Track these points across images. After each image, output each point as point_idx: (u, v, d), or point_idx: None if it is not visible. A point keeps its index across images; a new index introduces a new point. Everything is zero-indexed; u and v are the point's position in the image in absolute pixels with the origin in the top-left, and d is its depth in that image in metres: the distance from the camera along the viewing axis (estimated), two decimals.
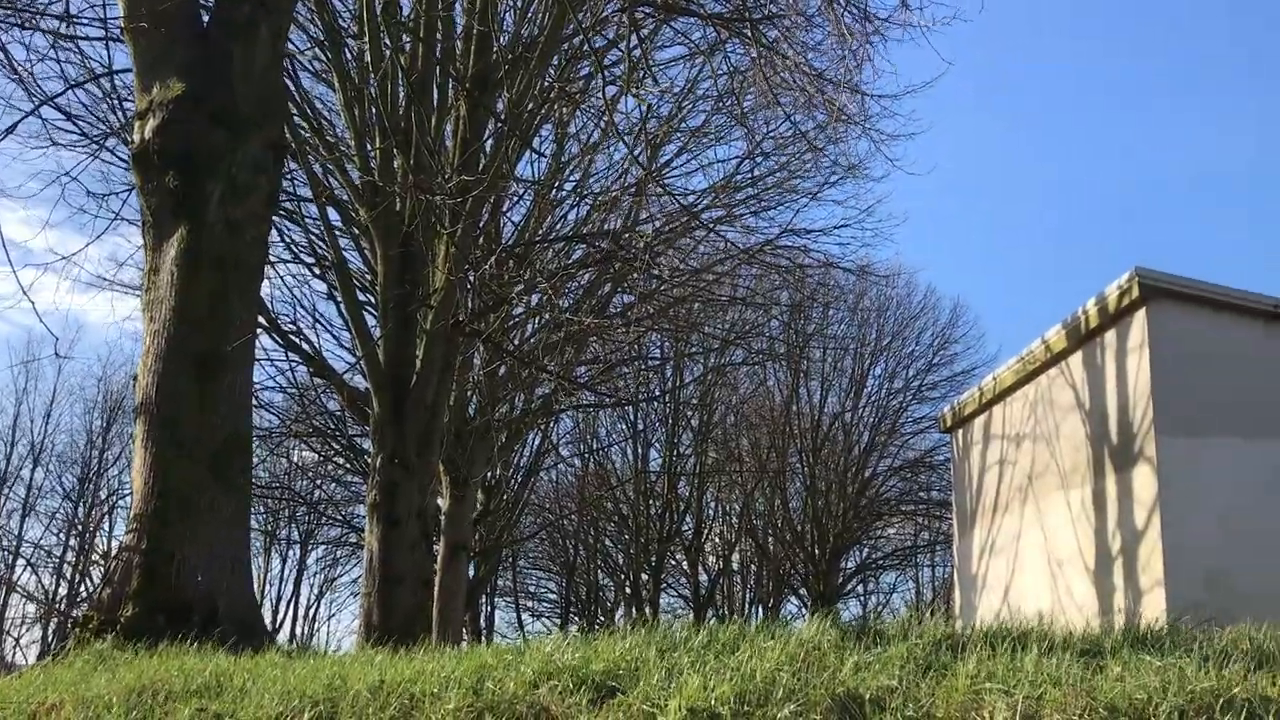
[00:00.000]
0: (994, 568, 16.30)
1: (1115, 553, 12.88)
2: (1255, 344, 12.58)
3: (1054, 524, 14.45)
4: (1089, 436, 13.69)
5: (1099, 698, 4.12)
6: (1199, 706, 4.07)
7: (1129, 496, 12.60)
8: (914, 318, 28.10)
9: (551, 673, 4.89)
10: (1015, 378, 15.67)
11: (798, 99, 14.17)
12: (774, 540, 27.84)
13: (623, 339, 19.57)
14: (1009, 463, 16.04)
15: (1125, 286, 12.71)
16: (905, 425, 28.72)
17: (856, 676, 4.51)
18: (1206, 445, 12.12)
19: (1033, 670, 4.51)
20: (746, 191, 18.58)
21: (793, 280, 20.07)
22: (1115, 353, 13.21)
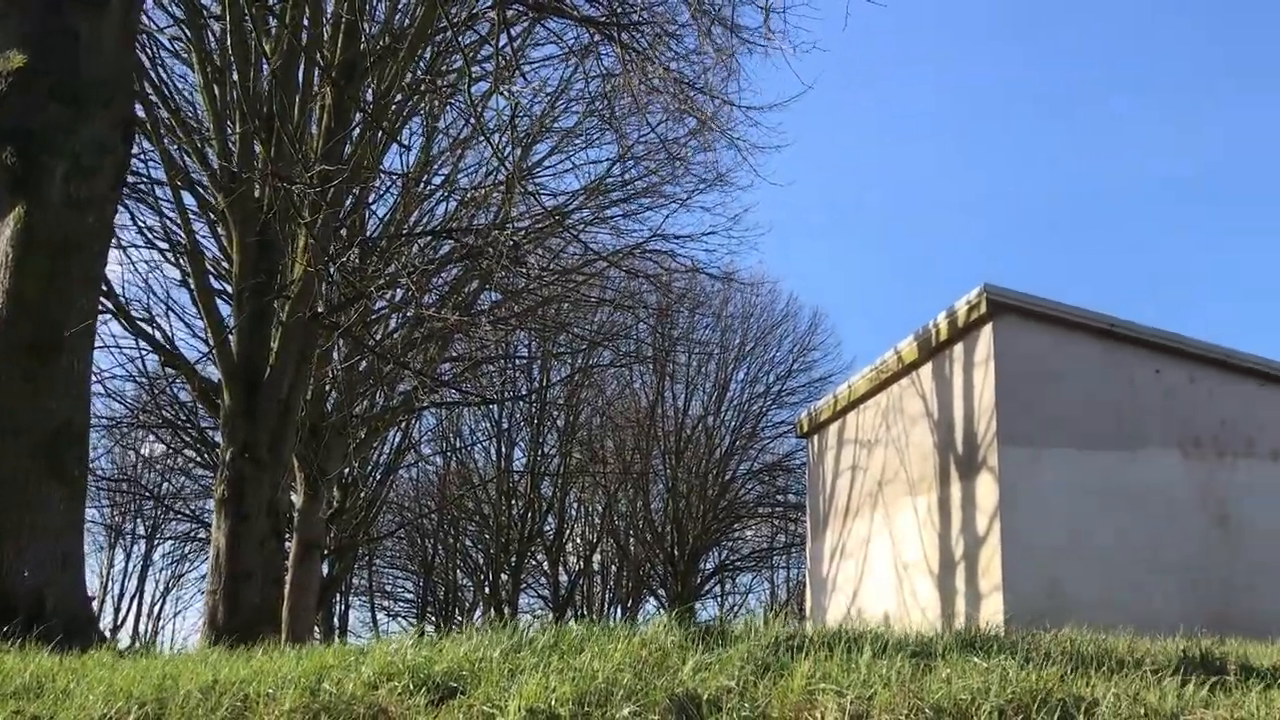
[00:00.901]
0: (844, 570, 16.75)
1: (958, 557, 13.37)
2: (1093, 360, 13.21)
3: (901, 529, 14.92)
4: (936, 445, 14.18)
5: (925, 698, 4.28)
6: (1017, 706, 4.27)
7: (972, 504, 13.08)
8: (776, 325, 28.78)
9: (392, 673, 4.82)
10: (869, 386, 16.14)
11: (668, 106, 14.36)
12: (635, 541, 28.04)
13: (489, 337, 19.42)
14: (861, 468, 16.51)
15: (974, 302, 13.20)
16: (765, 430, 29.39)
17: (696, 677, 4.58)
18: (1046, 456, 12.68)
19: (866, 671, 4.66)
20: (617, 195, 18.70)
21: (660, 284, 20.23)
22: (963, 365, 13.71)
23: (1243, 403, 13.51)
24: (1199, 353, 13.50)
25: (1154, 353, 13.39)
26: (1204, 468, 13.14)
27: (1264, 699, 4.69)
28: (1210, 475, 13.15)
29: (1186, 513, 12.89)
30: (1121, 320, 13.31)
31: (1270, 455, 13.41)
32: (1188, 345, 13.47)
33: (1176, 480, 13.00)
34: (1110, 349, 13.28)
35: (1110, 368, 13.20)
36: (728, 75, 13.79)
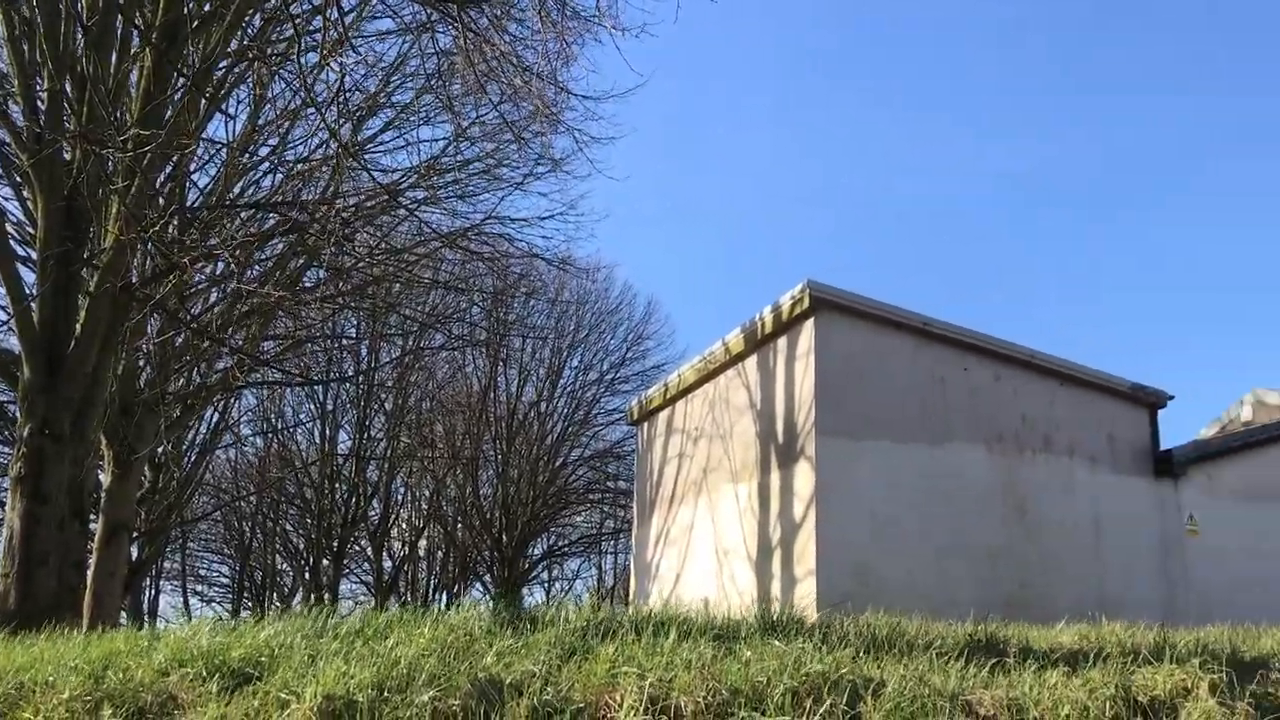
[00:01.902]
0: (668, 556, 17.01)
1: (775, 543, 13.73)
2: (908, 356, 13.76)
3: (723, 516, 15.24)
4: (759, 435, 14.53)
5: (723, 681, 4.39)
6: (809, 687, 4.43)
7: (790, 492, 13.46)
8: (611, 312, 28.97)
9: (185, 660, 4.65)
10: (697, 376, 16.41)
11: (505, 89, 14.22)
12: (463, 526, 27.77)
13: (314, 315, 18.85)
14: (687, 456, 16.78)
15: (797, 297, 13.57)
16: (598, 416, 29.56)
17: (501, 662, 4.58)
18: (861, 447, 13.15)
19: (669, 655, 4.75)
20: (453, 175, 18.39)
21: (496, 268, 20.02)
22: (785, 358, 14.08)
23: (1043, 401, 14.33)
24: (1005, 353, 14.22)
25: (963, 351, 14.04)
26: (1005, 462, 13.88)
27: (1038, 679, 5.01)
28: (1011, 469, 13.90)
29: (988, 504, 13.59)
30: (935, 319, 13.89)
31: (1067, 451, 14.27)
32: (995, 345, 14.17)
33: (980, 473, 13.69)
34: (923, 347, 13.85)
35: (922, 364, 13.78)
36: (565, 62, 13.77)
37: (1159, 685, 5.06)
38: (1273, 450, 15.27)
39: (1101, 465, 14.43)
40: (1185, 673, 5.13)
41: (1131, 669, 5.24)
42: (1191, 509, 14.63)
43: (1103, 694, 4.80)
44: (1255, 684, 5.21)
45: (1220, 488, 14.83)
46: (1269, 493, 14.94)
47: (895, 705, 4.32)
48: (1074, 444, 14.33)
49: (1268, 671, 5.36)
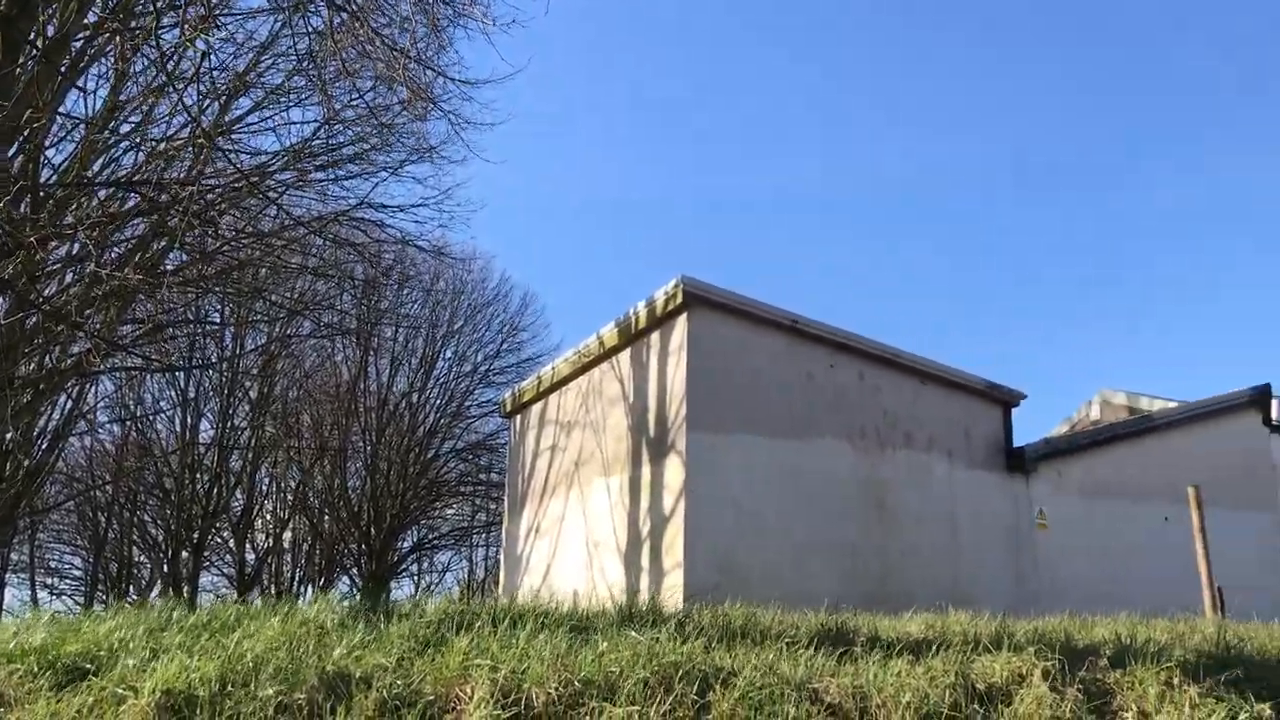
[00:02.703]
0: (538, 548, 16.99)
1: (645, 536, 13.84)
2: (777, 353, 14.02)
3: (594, 509, 15.30)
4: (631, 428, 14.62)
5: (576, 671, 4.41)
6: (661, 677, 4.48)
7: (660, 485, 13.58)
8: (487, 303, 28.70)
9: (15, 655, 4.45)
10: (571, 369, 16.42)
11: (381, 73, 13.94)
12: (330, 518, 27.20)
13: (175, 300, 18.17)
14: (560, 449, 16.78)
15: (671, 293, 13.69)
16: (471, 408, 29.26)
17: (351, 655, 4.51)
18: (729, 441, 13.34)
19: (524, 646, 4.75)
20: (324, 159, 17.94)
21: (368, 255, 19.61)
22: (659, 352, 14.19)
23: (905, 399, 14.78)
24: (870, 351, 14.61)
25: (830, 349, 14.38)
26: (867, 457, 14.26)
27: (884, 668, 5.17)
28: (873, 464, 14.29)
29: (850, 498, 13.96)
30: (804, 317, 14.18)
31: (926, 447, 14.73)
32: (860, 343, 14.54)
33: (843, 468, 14.04)
34: (792, 344, 14.13)
35: (791, 361, 14.05)
36: (441, 48, 13.59)
37: (996, 673, 5.28)
38: (1117, 448, 16.06)
39: (958, 461, 14.94)
40: (1021, 660, 5.37)
41: (972, 658, 5.45)
42: (1041, 504, 15.28)
43: (943, 681, 4.98)
44: (1085, 670, 5.48)
45: (1068, 483, 15.53)
46: (1113, 489, 15.71)
47: (743, 694, 4.40)
48: (933, 440, 14.80)
49: (1097, 659, 5.65)
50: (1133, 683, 5.41)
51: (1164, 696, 5.25)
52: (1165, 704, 5.18)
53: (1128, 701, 5.26)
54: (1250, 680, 5.69)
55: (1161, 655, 5.83)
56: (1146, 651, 5.89)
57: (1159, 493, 15.54)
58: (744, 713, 4.31)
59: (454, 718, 4.10)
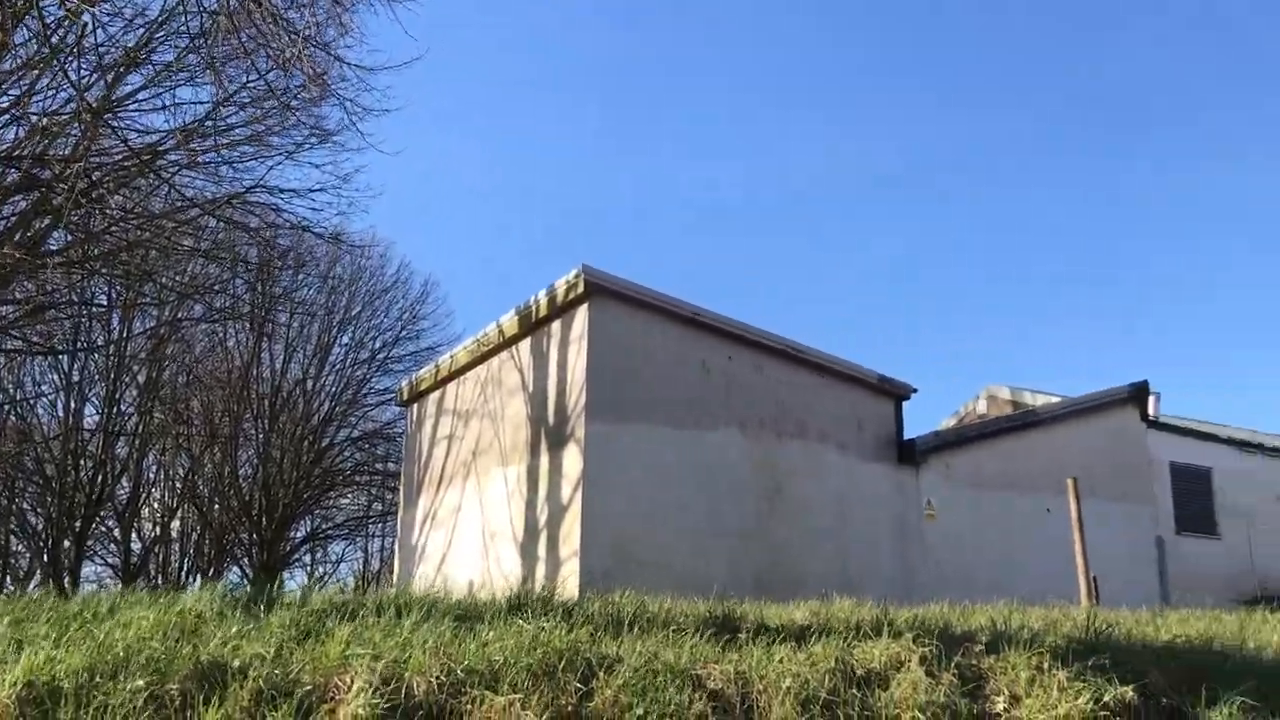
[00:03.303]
0: (434, 538, 16.85)
1: (542, 525, 13.83)
2: (676, 343, 14.11)
3: (491, 498, 15.22)
4: (530, 417, 14.58)
5: (459, 660, 4.40)
6: (545, 665, 4.49)
7: (558, 474, 13.57)
8: (386, 290, 28.20)
9: None
10: (470, 357, 16.30)
11: (276, 54, 13.61)
12: (220, 507, 26.51)
13: (60, 280, 17.51)
14: (457, 438, 16.65)
15: (572, 282, 13.67)
16: (368, 396, 28.76)
17: (228, 646, 4.42)
18: (628, 431, 13.40)
19: (407, 635, 4.71)
20: (217, 139, 17.44)
21: (262, 239, 19.15)
22: (559, 342, 14.18)
23: (800, 390, 15.00)
24: (766, 343, 14.80)
25: (729, 341, 14.52)
26: (762, 447, 14.45)
27: (767, 654, 5.25)
28: (767, 454, 14.49)
29: (745, 487, 14.13)
30: (704, 309, 14.29)
31: (819, 437, 14.98)
32: (758, 336, 14.72)
33: (739, 457, 14.20)
34: (692, 335, 14.24)
35: (690, 352, 14.17)
36: (344, 31, 13.32)
37: (876, 658, 5.41)
38: (1002, 442, 16.56)
39: (850, 452, 15.24)
40: (900, 647, 5.51)
41: (853, 644, 5.58)
42: (930, 494, 15.67)
43: (823, 667, 5.09)
44: (961, 656, 5.65)
45: (956, 475, 15.96)
46: (998, 481, 16.20)
47: (626, 681, 4.44)
48: (826, 431, 15.06)
49: (973, 645, 5.83)
50: (1005, 668, 5.59)
51: (1034, 680, 5.44)
52: (1035, 688, 5.38)
53: (1000, 686, 5.44)
54: (1116, 665, 5.92)
55: (1034, 641, 6.04)
56: (1020, 638, 6.09)
57: (1042, 485, 16.06)
58: (626, 700, 4.35)
59: (331, 708, 4.05)
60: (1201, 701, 5.79)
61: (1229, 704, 5.71)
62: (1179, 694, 5.92)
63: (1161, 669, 6.08)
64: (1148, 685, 5.87)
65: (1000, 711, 5.19)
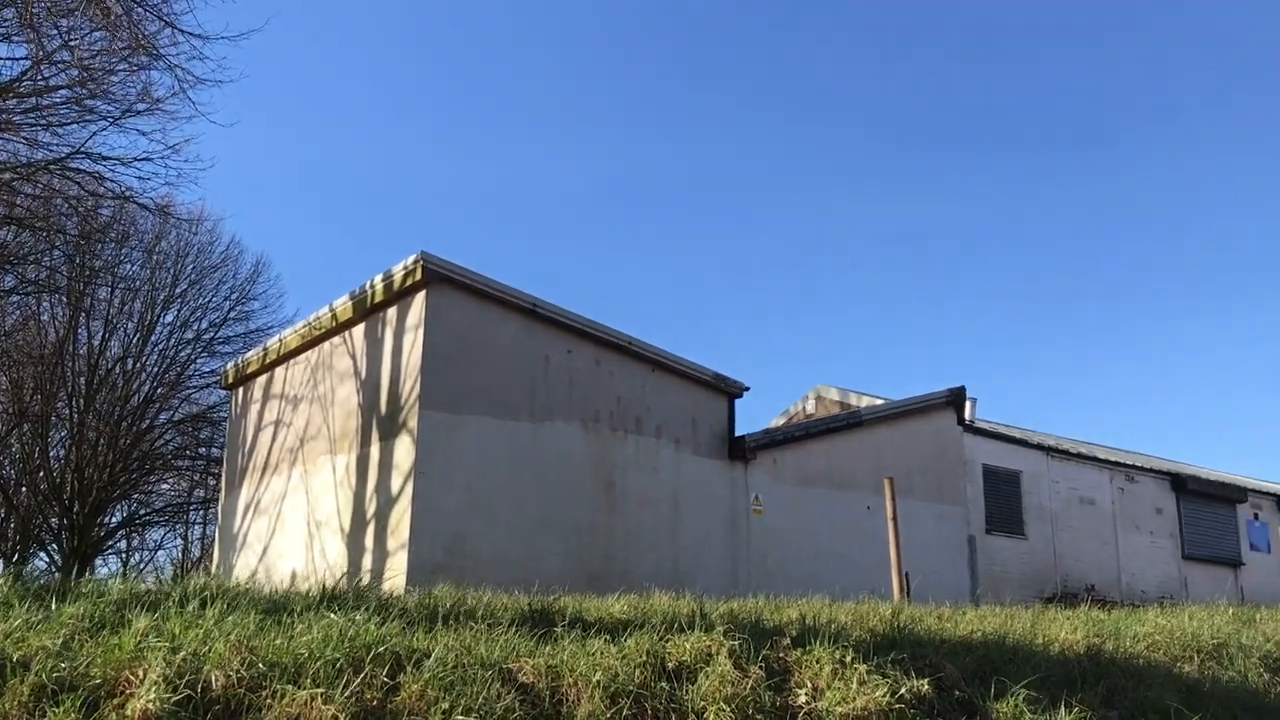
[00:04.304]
0: (256, 527, 16.33)
1: (370, 516, 13.57)
2: (515, 335, 14.03)
3: (318, 487, 14.85)
4: (361, 405, 14.28)
5: (261, 653, 4.28)
6: (352, 659, 4.42)
7: (389, 464, 13.34)
8: (215, 268, 27.04)
9: None
10: (300, 341, 15.85)
11: (99, 17, 12.96)
12: (27, 490, 25.03)
13: None
14: (285, 424, 16.18)
15: (410, 268, 13.44)
16: (193, 378, 27.53)
17: (9, 638, 4.19)
18: (463, 421, 13.26)
19: (210, 627, 4.56)
20: (39, 100, 16.45)
21: (82, 208, 18.17)
22: (394, 328, 13.92)
23: (637, 385, 15.14)
24: (606, 338, 14.87)
25: (568, 334, 14.53)
26: (599, 441, 14.53)
27: (581, 647, 5.30)
28: (604, 448, 14.57)
29: (581, 481, 14.18)
30: (544, 301, 14.26)
31: (655, 433, 15.15)
32: (597, 330, 14.77)
33: (575, 451, 14.24)
34: (531, 327, 14.19)
35: (529, 344, 14.12)
36: None
37: (687, 652, 5.52)
38: (827, 440, 17.09)
39: (685, 447, 15.47)
40: (711, 640, 5.64)
41: (667, 637, 5.68)
42: (759, 490, 16.05)
43: (635, 660, 5.16)
44: (769, 649, 5.82)
45: (783, 472, 16.39)
46: (823, 478, 16.72)
47: (434, 675, 4.41)
48: (661, 427, 15.25)
49: (781, 638, 6.01)
50: (811, 661, 5.79)
51: (836, 673, 5.65)
52: (837, 680, 5.58)
53: (804, 678, 5.63)
54: (915, 659, 6.22)
55: (840, 636, 6.28)
56: (829, 632, 6.32)
57: (864, 483, 16.66)
58: (434, 694, 4.31)
59: (120, 702, 3.88)
60: (991, 693, 6.12)
61: (1015, 696, 6.05)
62: (971, 686, 6.24)
63: (957, 662, 6.41)
64: (943, 678, 6.17)
65: (802, 704, 5.37)
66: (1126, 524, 21.59)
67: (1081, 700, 6.30)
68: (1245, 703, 7.24)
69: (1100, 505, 21.27)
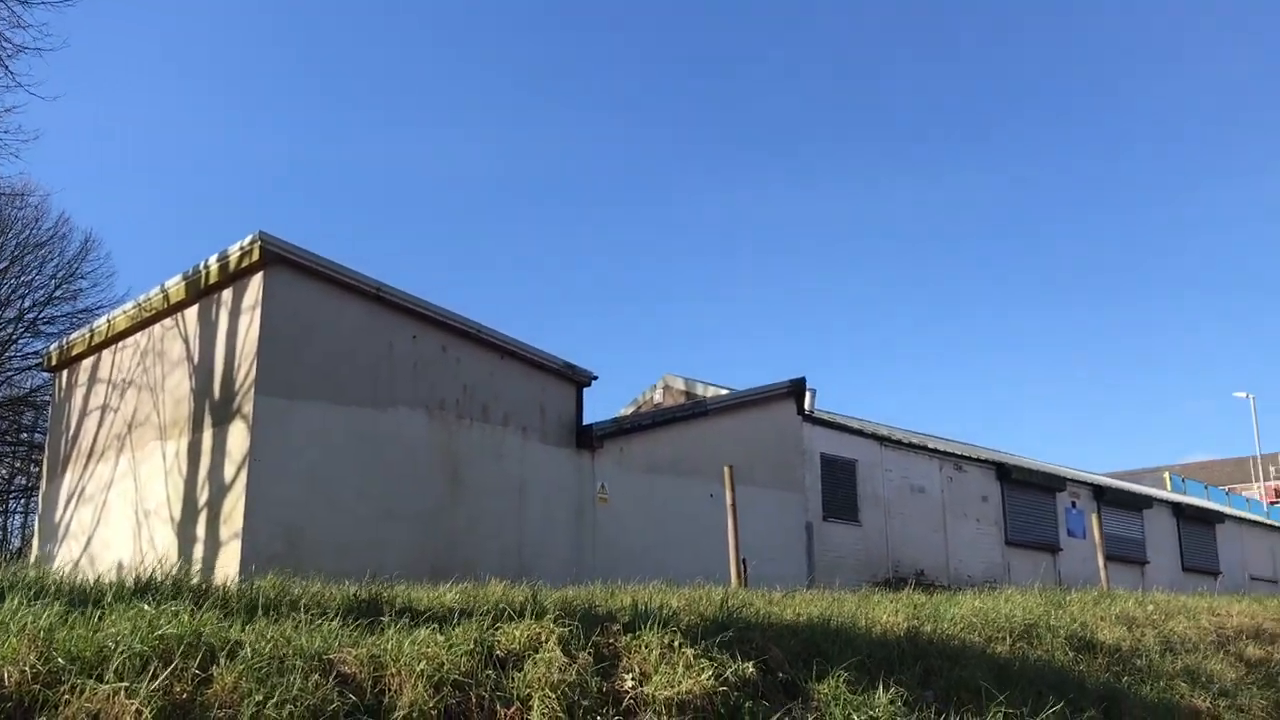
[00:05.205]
0: (80, 516, 15.58)
1: (202, 505, 13.11)
2: (358, 320, 13.73)
3: (147, 474, 14.27)
4: (194, 390, 13.77)
5: (61, 646, 4.10)
6: (161, 651, 4.27)
7: (223, 451, 12.90)
8: (40, 244, 25.66)
9: None
10: (130, 323, 15.18)
11: None
12: None
13: None
14: (112, 409, 15.48)
15: (247, 248, 13.01)
16: (14, 359, 26.05)
17: None
18: (300, 407, 12.92)
19: (5, 620, 4.34)
20: None
21: None
22: (230, 311, 13.46)
23: (484, 373, 15.02)
24: (453, 324, 14.70)
25: (414, 320, 14.31)
26: (444, 429, 14.36)
27: (408, 636, 5.24)
28: (449, 436, 14.42)
29: (425, 469, 14.00)
30: (389, 286, 14.00)
31: (502, 421, 15.07)
32: (444, 316, 14.59)
33: (419, 439, 14.04)
34: (375, 312, 13.92)
35: (372, 329, 13.84)
36: None
37: (517, 639, 5.53)
38: (674, 429, 17.33)
39: (532, 436, 15.44)
40: (541, 627, 5.66)
41: (497, 625, 5.67)
42: (604, 479, 16.16)
43: (462, 648, 5.14)
44: (600, 635, 5.88)
45: (630, 461, 16.54)
46: (668, 466, 16.94)
47: (249, 666, 4.30)
48: (509, 414, 15.18)
49: (611, 624, 6.08)
50: (640, 646, 5.87)
51: (664, 658, 5.74)
52: (664, 665, 5.67)
53: (632, 663, 5.70)
54: (742, 642, 6.37)
55: (671, 621, 6.38)
56: (660, 617, 6.41)
57: (708, 471, 16.94)
58: (247, 686, 4.21)
59: None
60: (813, 675, 6.32)
61: (836, 677, 6.26)
62: (795, 668, 6.43)
63: (782, 645, 6.59)
64: (768, 660, 6.33)
65: (629, 689, 5.44)
66: (955, 511, 22.57)
67: (899, 680, 6.56)
68: (1050, 680, 7.65)
69: (930, 493, 22.18)
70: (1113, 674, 8.49)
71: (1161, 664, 9.09)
